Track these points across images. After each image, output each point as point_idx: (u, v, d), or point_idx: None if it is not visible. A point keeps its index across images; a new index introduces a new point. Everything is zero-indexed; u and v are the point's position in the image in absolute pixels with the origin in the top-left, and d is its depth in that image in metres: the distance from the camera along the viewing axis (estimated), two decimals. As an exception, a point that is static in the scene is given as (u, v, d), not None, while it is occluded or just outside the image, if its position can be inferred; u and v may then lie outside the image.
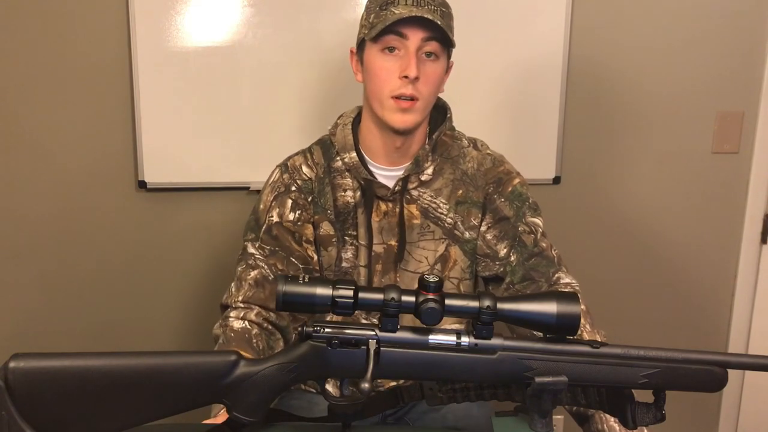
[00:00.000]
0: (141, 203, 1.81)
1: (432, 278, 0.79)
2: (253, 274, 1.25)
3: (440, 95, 1.30)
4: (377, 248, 1.28)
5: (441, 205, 1.29)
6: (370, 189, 1.27)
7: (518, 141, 1.85)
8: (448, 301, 0.79)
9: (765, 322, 2.06)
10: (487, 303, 0.79)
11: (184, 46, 1.71)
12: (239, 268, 1.27)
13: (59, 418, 0.76)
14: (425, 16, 1.14)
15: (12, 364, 0.75)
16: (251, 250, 1.28)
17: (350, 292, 0.78)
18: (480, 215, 1.30)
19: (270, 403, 0.83)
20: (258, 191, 1.79)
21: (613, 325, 1.28)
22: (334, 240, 1.28)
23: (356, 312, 0.80)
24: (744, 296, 2.06)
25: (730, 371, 0.84)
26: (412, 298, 0.79)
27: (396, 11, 1.16)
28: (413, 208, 1.28)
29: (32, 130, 1.74)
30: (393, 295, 0.79)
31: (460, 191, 1.30)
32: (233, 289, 1.26)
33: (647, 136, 1.93)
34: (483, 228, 1.30)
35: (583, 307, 1.22)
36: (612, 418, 1.05)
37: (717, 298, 2.07)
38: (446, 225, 1.29)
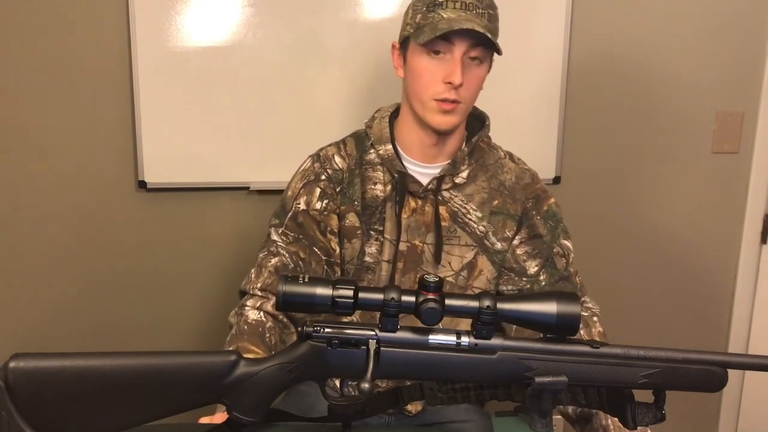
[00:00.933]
0: (141, 203, 1.81)
1: (432, 278, 0.79)
2: (273, 261, 1.25)
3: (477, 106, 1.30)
4: (401, 246, 1.26)
5: (471, 211, 1.28)
6: (403, 183, 1.25)
7: (518, 141, 1.85)
8: (448, 301, 0.79)
9: (765, 322, 2.06)
10: (487, 303, 0.79)
11: (184, 46, 1.71)
12: (261, 255, 1.27)
13: (59, 418, 0.76)
14: (476, 28, 1.13)
15: (12, 364, 0.75)
16: (274, 236, 1.27)
17: (350, 292, 0.79)
18: (515, 228, 1.29)
19: (270, 403, 0.83)
20: (258, 191, 1.80)
21: (614, 325, 1.28)
22: (359, 232, 1.27)
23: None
24: (744, 296, 2.06)
25: (730, 371, 0.84)
26: (412, 298, 0.79)
27: (444, 15, 1.15)
28: (443, 210, 1.27)
29: (32, 130, 1.74)
30: (393, 295, 0.79)
31: (496, 201, 1.29)
32: (252, 275, 1.25)
33: (647, 136, 1.93)
34: (515, 242, 1.29)
35: (600, 329, 1.24)
36: None
37: (717, 298, 2.07)
38: (477, 233, 1.28)
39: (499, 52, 1.20)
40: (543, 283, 1.27)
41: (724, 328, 2.09)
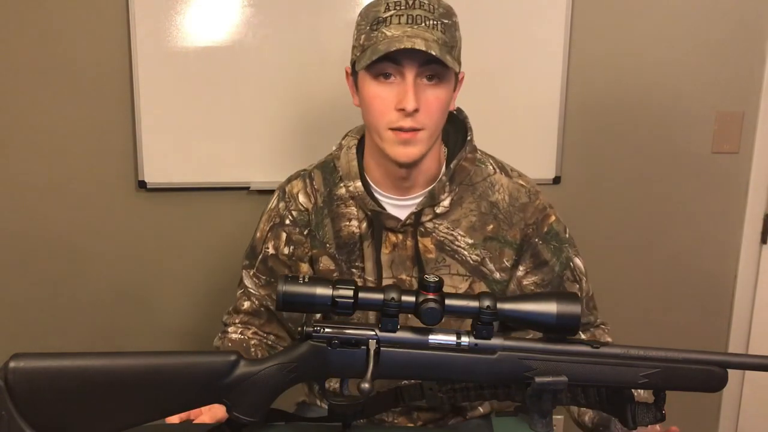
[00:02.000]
0: (141, 203, 1.81)
1: (432, 278, 0.79)
2: (246, 305, 1.24)
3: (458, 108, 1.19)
4: (388, 282, 1.15)
5: (459, 237, 1.15)
6: (378, 221, 1.14)
7: (518, 141, 1.85)
8: (448, 301, 0.79)
9: (765, 322, 2.06)
10: (487, 303, 0.79)
11: (184, 46, 1.71)
12: (238, 293, 1.26)
13: (59, 418, 0.76)
14: (418, 46, 0.99)
15: (12, 364, 0.75)
16: (246, 280, 1.24)
17: (350, 292, 0.79)
18: (514, 257, 1.17)
19: (270, 403, 0.83)
20: (258, 191, 1.80)
21: (614, 325, 1.28)
22: (335, 275, 1.17)
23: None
24: (744, 296, 2.06)
25: (730, 371, 0.84)
26: (412, 298, 0.79)
27: (388, 33, 1.02)
28: (427, 242, 1.14)
29: (32, 130, 1.74)
30: (393, 295, 0.79)
31: (491, 226, 1.16)
32: (232, 311, 1.26)
33: (647, 136, 1.93)
34: (520, 273, 1.18)
35: (609, 339, 1.20)
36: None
37: (717, 298, 2.07)
38: (470, 261, 1.15)
39: (456, 69, 1.05)
40: None
41: (724, 328, 2.09)
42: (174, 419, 0.91)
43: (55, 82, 1.72)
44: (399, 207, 1.15)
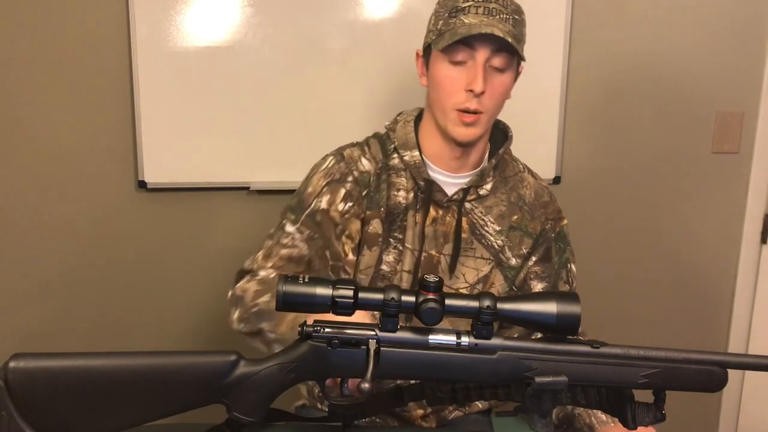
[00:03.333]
0: (141, 203, 1.81)
1: (432, 278, 0.79)
2: (286, 251, 1.19)
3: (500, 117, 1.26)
4: (423, 256, 1.21)
5: (489, 223, 1.24)
6: (429, 191, 1.21)
7: (518, 141, 1.85)
8: (448, 301, 0.79)
9: (765, 322, 2.06)
10: (487, 303, 0.79)
11: (184, 46, 1.71)
12: (270, 242, 1.21)
13: (59, 418, 0.76)
14: (496, 33, 1.09)
15: (12, 364, 0.75)
16: (290, 228, 1.20)
17: (350, 292, 0.78)
18: (531, 246, 1.26)
19: (270, 403, 0.83)
20: (258, 191, 1.80)
21: (614, 325, 1.28)
22: (380, 240, 1.21)
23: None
24: (744, 296, 2.06)
25: (730, 371, 0.84)
26: (412, 298, 0.79)
27: (467, 20, 1.11)
28: (463, 221, 1.23)
29: (32, 130, 1.74)
30: (393, 295, 0.79)
31: (516, 216, 1.26)
32: (260, 257, 1.20)
33: (647, 136, 1.93)
34: (531, 261, 1.27)
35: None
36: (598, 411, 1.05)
37: (717, 298, 2.07)
38: (495, 246, 1.24)
39: (522, 59, 1.16)
40: None
41: (724, 328, 2.09)
42: None
43: (55, 82, 1.72)
44: (447, 184, 1.23)
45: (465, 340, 0.81)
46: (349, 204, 1.21)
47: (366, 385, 0.77)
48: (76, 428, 0.77)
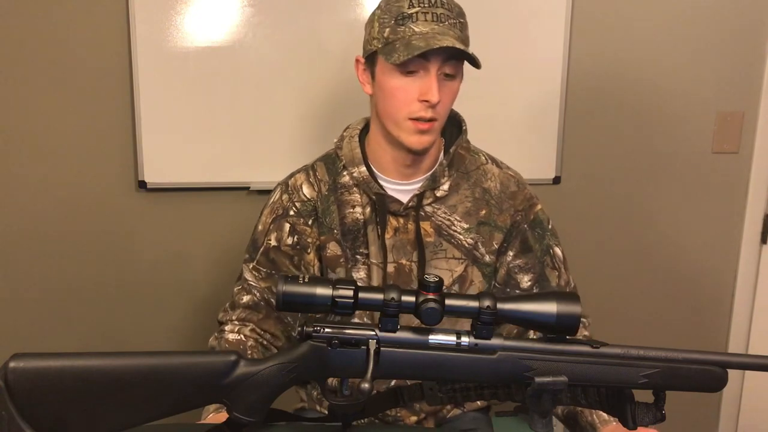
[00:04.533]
0: (141, 203, 1.81)
1: (432, 278, 0.79)
2: (246, 299, 1.24)
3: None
4: (389, 267, 1.21)
5: (455, 222, 1.22)
6: (382, 204, 1.20)
7: (518, 141, 1.85)
8: (448, 301, 0.79)
9: (765, 322, 2.06)
10: (487, 303, 0.79)
11: (184, 47, 1.71)
12: (235, 289, 1.27)
13: (59, 418, 0.76)
14: (456, 45, 1.07)
15: (12, 364, 0.75)
16: (246, 274, 1.25)
17: (350, 292, 0.79)
18: (502, 240, 1.23)
19: (270, 403, 0.83)
20: (258, 191, 1.80)
21: (614, 325, 1.28)
22: (341, 260, 1.22)
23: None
24: (744, 296, 2.06)
25: (730, 371, 0.84)
26: (412, 298, 0.79)
27: (417, 29, 1.09)
28: (427, 225, 1.21)
29: (32, 130, 1.74)
30: (393, 295, 0.79)
31: (484, 211, 1.23)
32: (228, 308, 1.26)
33: (647, 136, 1.93)
34: (509, 256, 1.24)
35: (587, 333, 1.23)
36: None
37: (717, 298, 2.07)
38: (466, 245, 1.22)
39: (477, 66, 1.12)
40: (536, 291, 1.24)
41: (724, 328, 2.09)
42: None
43: (55, 82, 1.72)
44: (401, 192, 1.22)
45: (465, 340, 0.81)
46: (295, 238, 1.24)
47: (366, 385, 0.77)
48: (76, 428, 0.77)
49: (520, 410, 0.89)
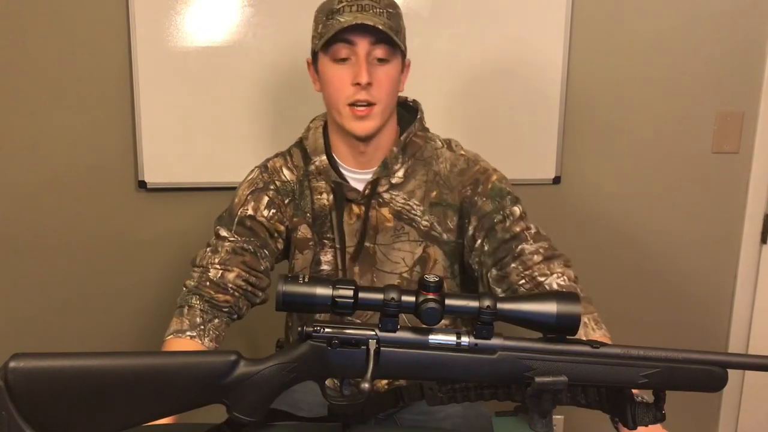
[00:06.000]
0: (141, 203, 1.81)
1: (432, 278, 0.79)
2: (229, 244, 1.27)
3: (403, 94, 1.30)
4: (352, 250, 1.28)
5: (414, 206, 1.28)
6: (340, 192, 1.27)
7: (518, 141, 1.85)
8: (448, 301, 0.79)
9: (765, 322, 2.06)
10: (487, 303, 0.79)
11: (184, 46, 1.71)
12: (214, 240, 1.29)
13: (59, 418, 0.76)
14: (367, 22, 1.14)
15: (12, 364, 0.74)
16: (224, 233, 1.28)
17: (350, 292, 0.78)
18: (456, 218, 1.27)
19: (270, 403, 0.83)
20: (258, 191, 1.80)
21: (613, 325, 1.28)
22: (311, 243, 1.30)
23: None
24: (744, 296, 2.06)
25: (730, 371, 0.84)
26: (412, 298, 0.79)
27: (342, 19, 1.16)
28: (386, 211, 1.28)
29: (32, 130, 1.74)
30: (393, 295, 0.79)
31: (434, 192, 1.28)
32: (209, 252, 1.28)
33: (647, 136, 1.93)
34: (470, 233, 1.26)
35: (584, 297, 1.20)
36: None
37: (717, 298, 2.07)
38: (422, 227, 1.28)
39: (402, 49, 1.20)
40: (486, 248, 1.22)
41: (724, 328, 2.09)
42: None
43: (55, 82, 1.72)
44: (359, 181, 1.28)
45: (465, 340, 0.81)
46: (273, 211, 1.30)
47: (366, 385, 0.77)
48: (76, 428, 0.77)
49: (520, 410, 0.89)
